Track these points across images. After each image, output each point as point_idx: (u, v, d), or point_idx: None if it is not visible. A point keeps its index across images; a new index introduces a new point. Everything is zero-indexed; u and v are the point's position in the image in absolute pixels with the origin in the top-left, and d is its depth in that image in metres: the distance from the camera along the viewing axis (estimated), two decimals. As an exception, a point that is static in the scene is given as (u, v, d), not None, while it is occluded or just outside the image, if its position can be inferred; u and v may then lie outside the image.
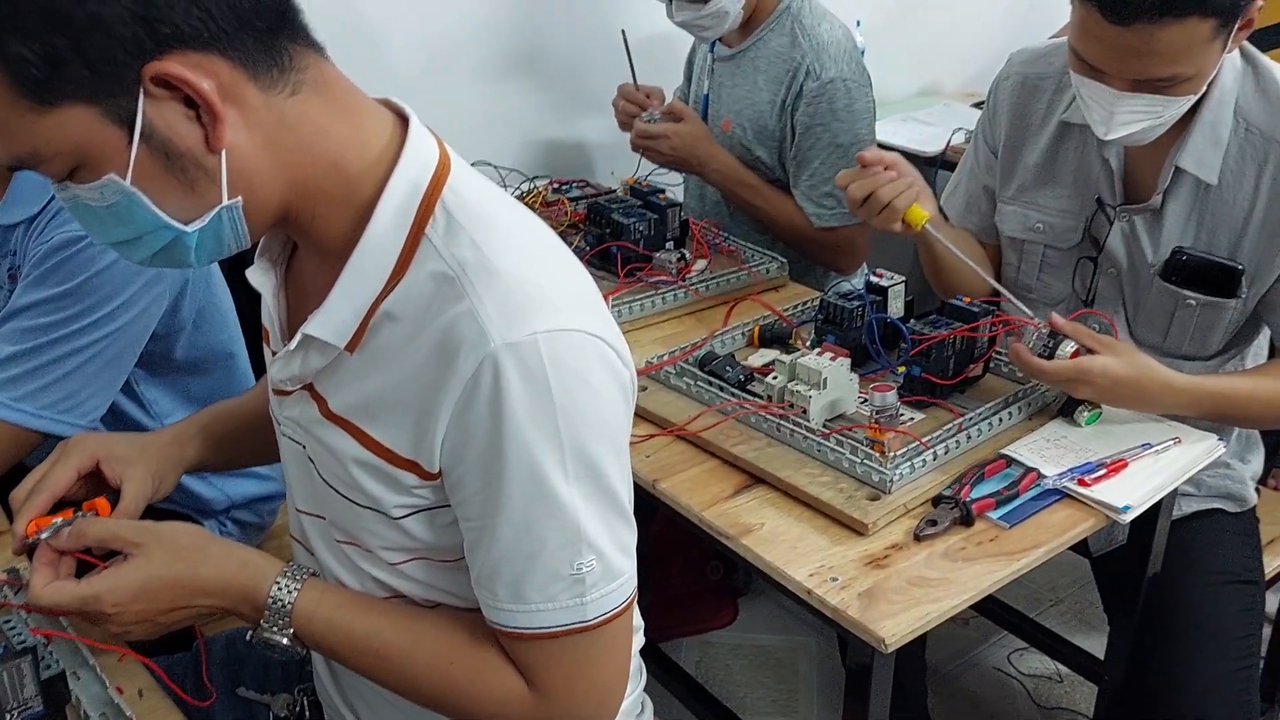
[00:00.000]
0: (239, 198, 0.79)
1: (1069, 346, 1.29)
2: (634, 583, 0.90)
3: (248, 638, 0.93)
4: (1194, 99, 1.29)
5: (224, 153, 0.77)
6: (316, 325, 0.86)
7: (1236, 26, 1.23)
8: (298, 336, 0.87)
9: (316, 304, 0.86)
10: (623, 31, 1.98)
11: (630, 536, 0.90)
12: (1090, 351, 1.29)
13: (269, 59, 0.77)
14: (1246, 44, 1.35)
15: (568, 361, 0.81)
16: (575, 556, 0.85)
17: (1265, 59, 1.38)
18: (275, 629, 0.91)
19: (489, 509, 0.84)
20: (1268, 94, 1.35)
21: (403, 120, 0.87)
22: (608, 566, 0.86)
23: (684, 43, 2.23)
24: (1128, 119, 1.28)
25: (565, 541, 0.84)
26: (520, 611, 0.86)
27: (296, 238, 0.91)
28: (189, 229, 0.80)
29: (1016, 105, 1.53)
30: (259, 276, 0.94)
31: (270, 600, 0.91)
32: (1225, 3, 1.17)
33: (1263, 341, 1.49)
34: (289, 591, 0.91)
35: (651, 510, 1.31)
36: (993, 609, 2.10)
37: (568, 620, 0.86)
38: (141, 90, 0.73)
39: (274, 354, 0.95)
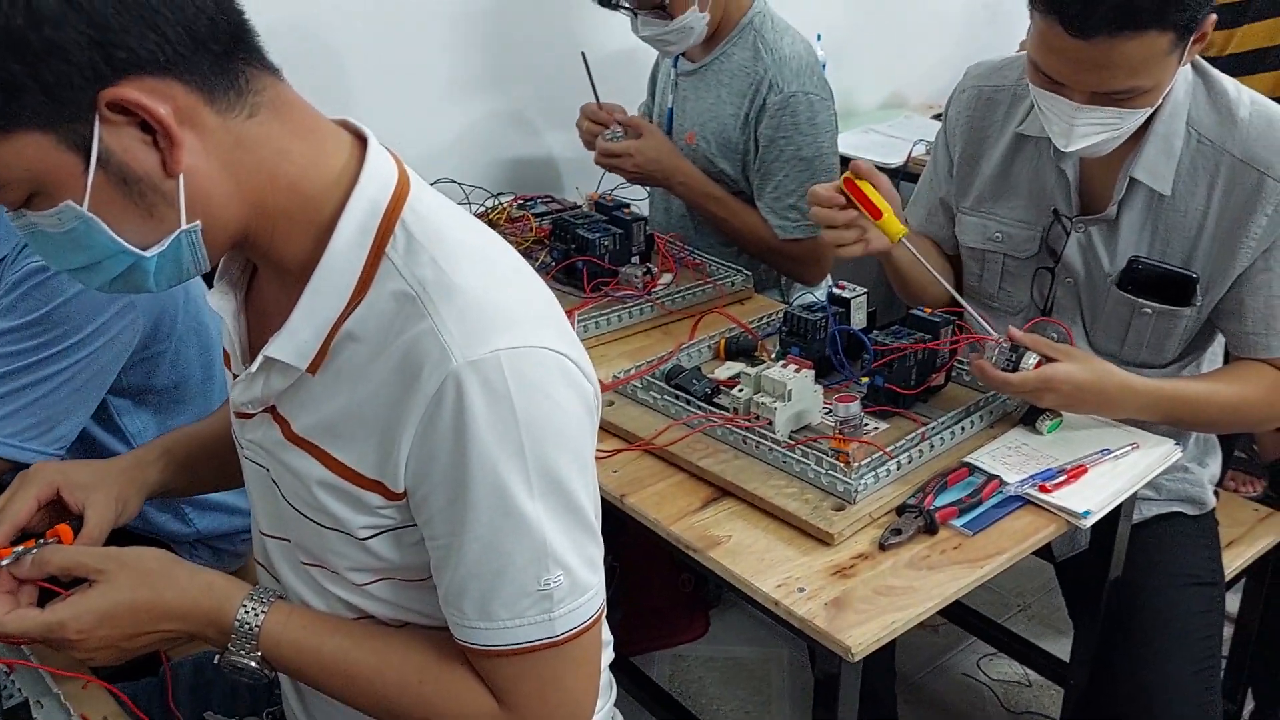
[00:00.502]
0: (197, 221, 0.79)
1: (1032, 358, 1.31)
2: (602, 597, 0.90)
3: (215, 662, 0.93)
4: (1151, 111, 1.32)
5: (181, 177, 0.77)
6: (277, 347, 0.86)
7: (1192, 40, 1.26)
8: (259, 359, 0.87)
9: (277, 325, 0.85)
10: (583, 54, 1.99)
11: (597, 551, 0.90)
12: (1052, 360, 1.31)
13: (225, 82, 0.77)
14: (1197, 57, 1.38)
15: (530, 377, 0.82)
16: (542, 572, 0.85)
17: (1215, 72, 1.41)
18: (242, 652, 0.91)
19: (455, 527, 0.84)
20: (1218, 106, 1.38)
21: (361, 141, 0.87)
22: (575, 581, 0.87)
23: (647, 58, 2.25)
24: (1087, 131, 1.31)
25: (532, 557, 0.85)
26: (488, 629, 0.86)
27: (256, 259, 0.91)
28: (147, 254, 0.79)
29: (972, 118, 1.56)
30: (218, 300, 0.93)
31: (237, 623, 0.91)
32: (1182, 17, 1.20)
33: (1217, 348, 1.52)
34: (255, 614, 0.91)
35: (621, 525, 1.32)
36: (961, 615, 2.12)
37: (536, 636, 0.87)
38: (97, 116, 0.73)
39: (235, 377, 0.94)
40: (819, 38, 2.70)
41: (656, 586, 2.28)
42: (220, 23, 0.76)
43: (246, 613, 0.91)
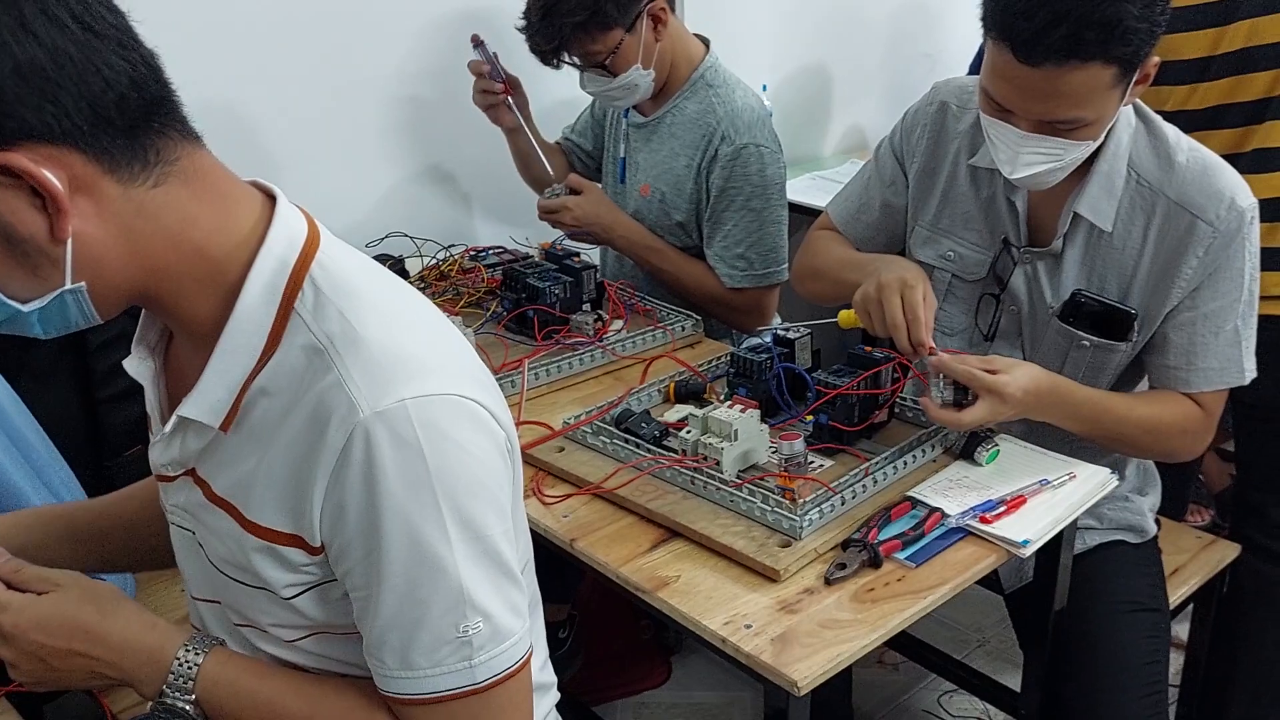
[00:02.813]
0: (82, 282, 0.80)
1: None
2: (527, 643, 0.91)
3: (149, 709, 0.92)
4: (1093, 145, 1.37)
5: (70, 241, 0.77)
6: (190, 406, 0.87)
7: (1134, 80, 1.32)
8: (173, 419, 0.88)
9: (192, 386, 0.87)
10: (475, 35, 2.04)
11: (520, 596, 0.91)
12: (991, 373, 1.33)
13: (130, 154, 0.78)
14: (1139, 101, 1.44)
15: (439, 425, 0.83)
16: (460, 619, 0.86)
17: (1157, 117, 1.46)
18: (179, 693, 0.91)
19: (371, 578, 0.85)
20: (1157, 150, 1.43)
21: (272, 200, 0.89)
22: (496, 628, 0.87)
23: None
24: (1031, 159, 1.35)
25: (449, 605, 0.85)
26: (409, 678, 0.87)
27: (166, 322, 0.92)
28: (25, 309, 0.80)
29: (934, 132, 1.58)
30: (136, 365, 0.95)
31: (176, 662, 0.91)
32: (1125, 51, 1.25)
33: (1144, 386, 1.56)
34: (196, 653, 0.91)
35: (580, 574, 1.33)
36: (920, 652, 2.13)
37: (456, 684, 0.87)
38: None
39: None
40: (765, 88, 2.77)
41: (616, 634, 2.28)
42: (131, 98, 0.77)
43: (187, 652, 0.91)
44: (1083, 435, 1.44)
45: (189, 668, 0.91)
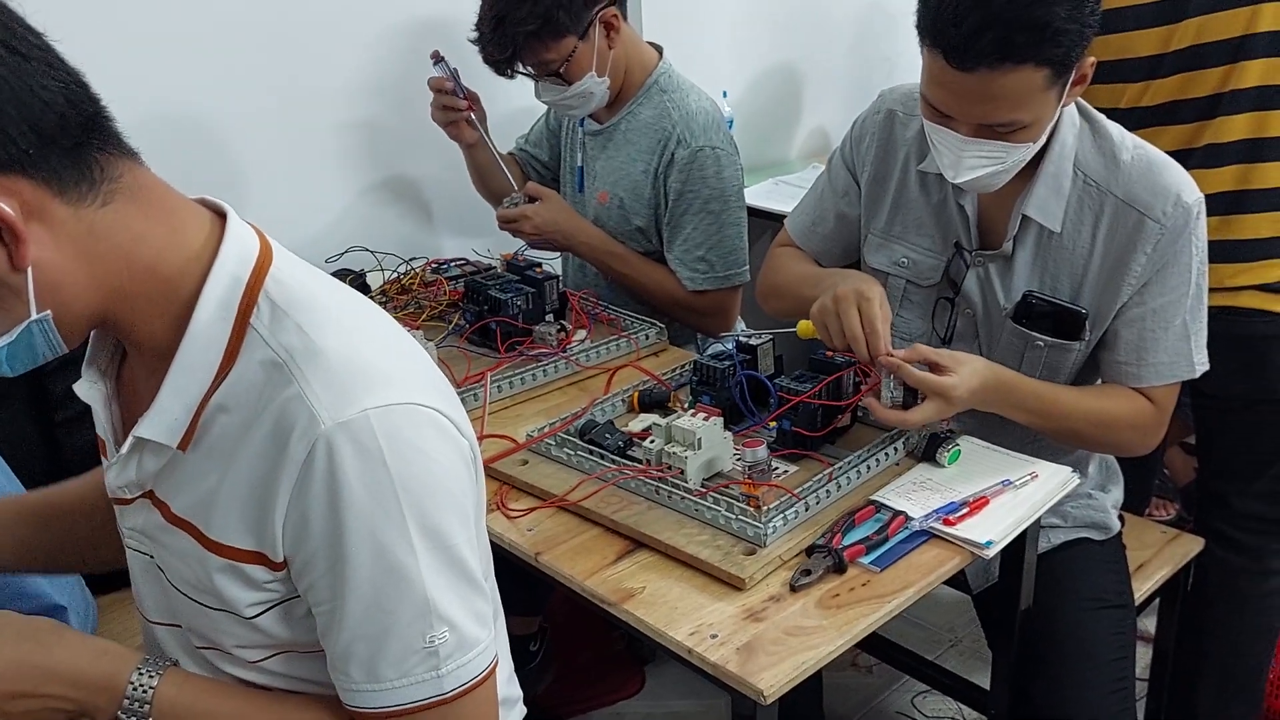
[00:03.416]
0: (48, 311, 0.80)
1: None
2: (493, 651, 0.91)
3: None
4: (1034, 147, 1.38)
5: (30, 270, 0.77)
6: (147, 427, 0.86)
7: (1070, 81, 1.33)
8: (129, 440, 0.88)
9: (148, 406, 0.86)
10: (435, 52, 2.03)
11: (485, 605, 0.91)
12: (941, 371, 1.34)
13: (76, 173, 0.78)
14: (1082, 101, 1.45)
15: (402, 434, 0.83)
16: (427, 629, 0.85)
17: (1100, 117, 1.48)
18: (135, 717, 0.89)
19: (336, 590, 0.84)
20: (1102, 149, 1.44)
21: (222, 217, 0.89)
22: (462, 637, 0.87)
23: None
24: (974, 163, 1.36)
25: (415, 615, 0.85)
26: (376, 690, 0.86)
27: (123, 340, 0.91)
28: None
29: (882, 140, 1.59)
30: (86, 389, 0.93)
31: (130, 687, 0.89)
32: (1056, 53, 1.26)
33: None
34: (150, 675, 0.90)
35: (550, 585, 1.32)
36: (893, 654, 2.13)
37: (425, 695, 0.87)
38: None
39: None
40: (725, 94, 2.78)
41: (588, 645, 2.27)
42: (70, 117, 0.77)
43: (140, 675, 0.90)
44: (1033, 428, 1.46)
45: (144, 691, 0.89)
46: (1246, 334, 1.67)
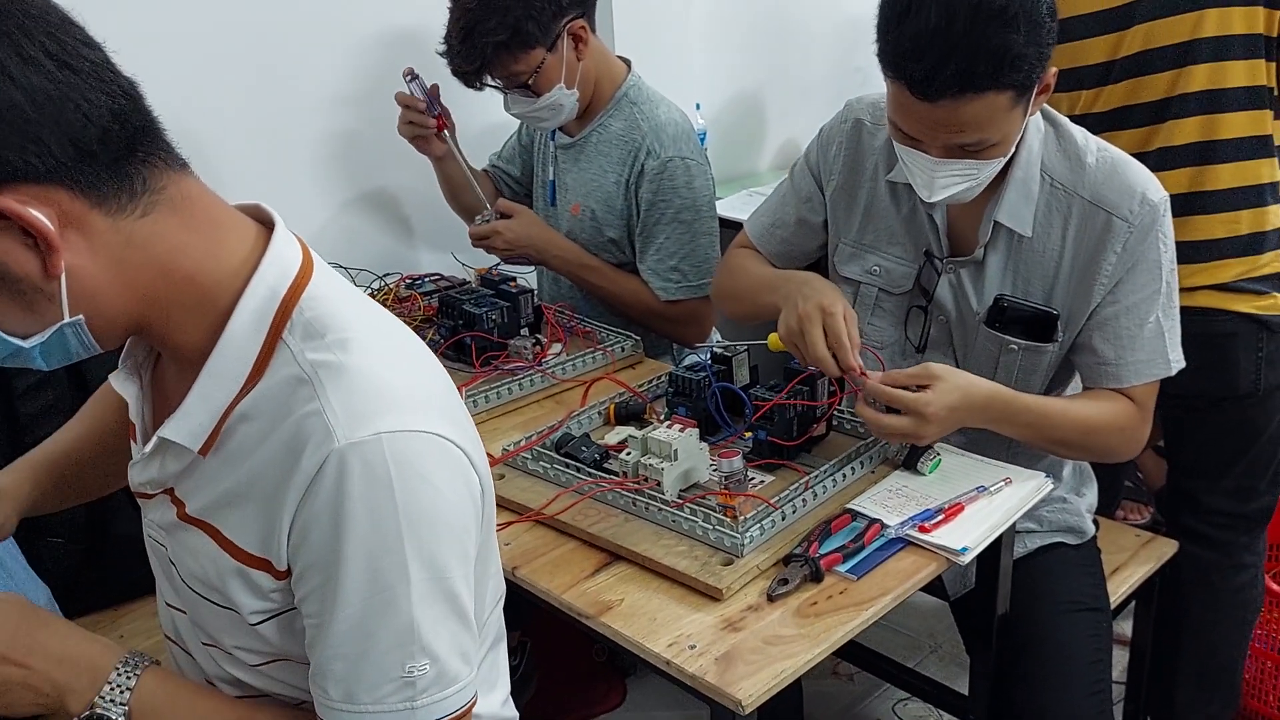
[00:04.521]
0: (80, 315, 0.81)
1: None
2: (473, 690, 0.90)
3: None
4: (1005, 159, 1.39)
5: (64, 276, 0.78)
6: (171, 429, 0.88)
7: (1035, 92, 1.34)
8: (153, 440, 0.89)
9: (175, 408, 0.87)
10: (410, 69, 2.04)
11: (471, 642, 0.90)
12: (920, 388, 1.34)
13: (116, 185, 0.79)
14: (1046, 105, 1.46)
15: (412, 462, 0.83)
16: (407, 659, 0.85)
17: (1065, 121, 1.50)
18: (112, 704, 0.88)
19: (326, 605, 0.85)
20: (1067, 152, 1.46)
21: (268, 228, 0.90)
22: (442, 671, 0.87)
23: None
24: (947, 183, 1.37)
25: (398, 642, 0.85)
26: (350, 712, 0.86)
27: (155, 345, 0.93)
28: (26, 344, 0.81)
29: (850, 149, 1.59)
30: (121, 383, 0.96)
31: (115, 673, 0.89)
32: (1017, 77, 1.28)
33: (1078, 383, 1.58)
34: (135, 666, 0.90)
35: (531, 601, 1.32)
36: (874, 661, 2.13)
37: None
38: None
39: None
40: (698, 107, 2.79)
41: (570, 658, 2.26)
42: (113, 131, 0.78)
43: (126, 665, 0.90)
44: (1024, 441, 1.46)
45: (127, 678, 0.89)
46: (1205, 332, 1.70)
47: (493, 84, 1.93)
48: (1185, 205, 1.71)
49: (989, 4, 1.23)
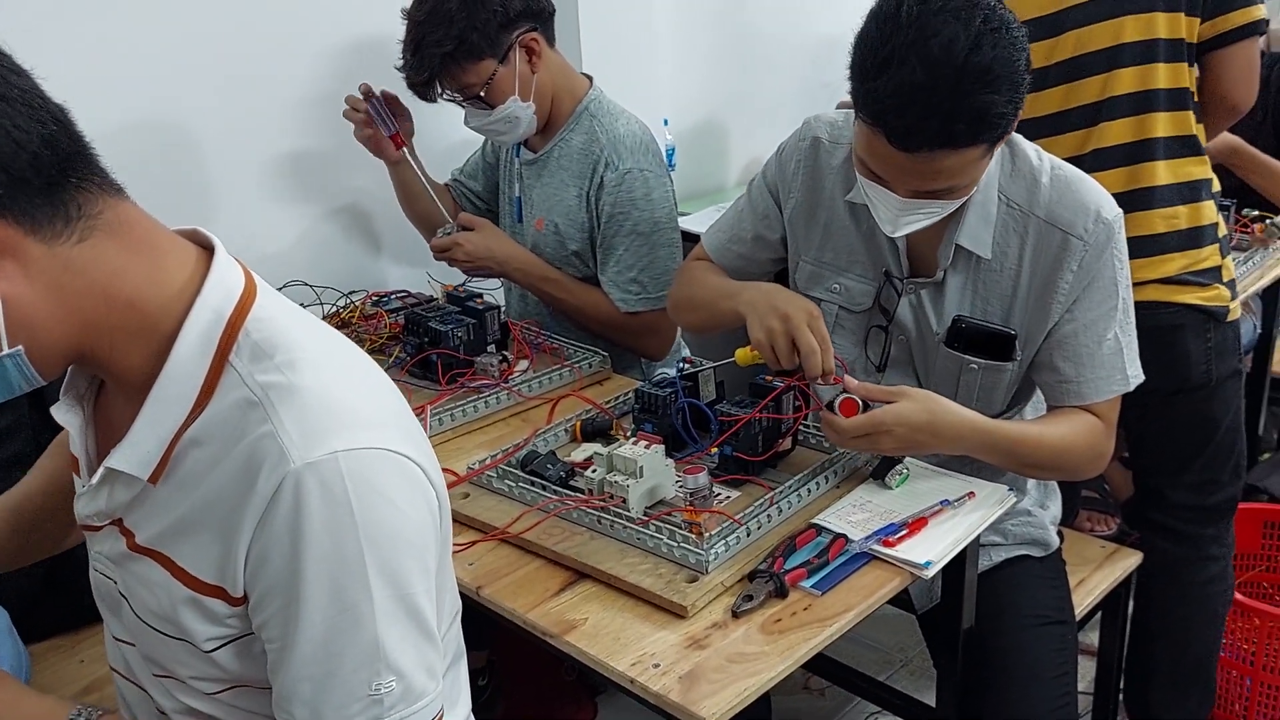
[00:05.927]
0: (19, 346, 0.80)
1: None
2: (439, 705, 0.90)
3: None
4: (967, 197, 1.41)
5: (0, 306, 0.77)
6: (119, 458, 0.86)
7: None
8: (100, 470, 0.88)
9: (122, 436, 0.86)
10: (365, 85, 2.04)
11: (436, 657, 0.90)
12: (886, 403, 1.35)
13: (50, 211, 0.78)
14: None
15: (369, 479, 0.83)
16: (374, 677, 0.85)
17: (1020, 140, 1.51)
18: None
19: (288, 628, 0.84)
20: (1022, 172, 1.47)
21: (208, 251, 0.89)
22: (408, 688, 0.86)
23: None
24: (911, 220, 1.38)
25: (363, 661, 0.84)
26: None
27: (99, 373, 0.91)
28: None
29: (809, 168, 1.60)
30: (63, 414, 0.94)
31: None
32: (994, 134, 1.29)
33: (1039, 399, 1.59)
34: (91, 715, 0.89)
35: (495, 621, 1.31)
36: (845, 676, 2.13)
37: None
38: None
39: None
40: (666, 123, 2.80)
41: (538, 676, 2.24)
42: (44, 157, 0.77)
43: (78, 717, 0.89)
44: (998, 466, 1.47)
45: None
46: (1153, 325, 1.72)
47: (447, 97, 1.94)
48: (1126, 203, 1.73)
49: (973, 65, 1.23)
